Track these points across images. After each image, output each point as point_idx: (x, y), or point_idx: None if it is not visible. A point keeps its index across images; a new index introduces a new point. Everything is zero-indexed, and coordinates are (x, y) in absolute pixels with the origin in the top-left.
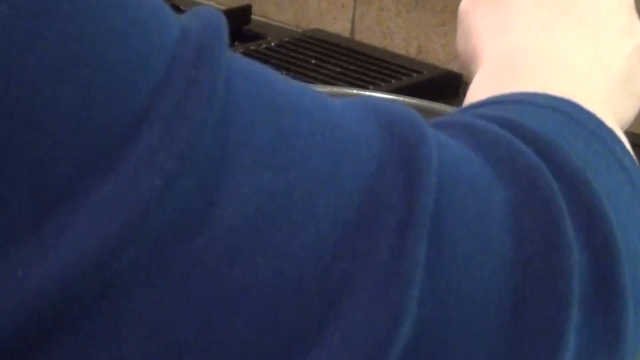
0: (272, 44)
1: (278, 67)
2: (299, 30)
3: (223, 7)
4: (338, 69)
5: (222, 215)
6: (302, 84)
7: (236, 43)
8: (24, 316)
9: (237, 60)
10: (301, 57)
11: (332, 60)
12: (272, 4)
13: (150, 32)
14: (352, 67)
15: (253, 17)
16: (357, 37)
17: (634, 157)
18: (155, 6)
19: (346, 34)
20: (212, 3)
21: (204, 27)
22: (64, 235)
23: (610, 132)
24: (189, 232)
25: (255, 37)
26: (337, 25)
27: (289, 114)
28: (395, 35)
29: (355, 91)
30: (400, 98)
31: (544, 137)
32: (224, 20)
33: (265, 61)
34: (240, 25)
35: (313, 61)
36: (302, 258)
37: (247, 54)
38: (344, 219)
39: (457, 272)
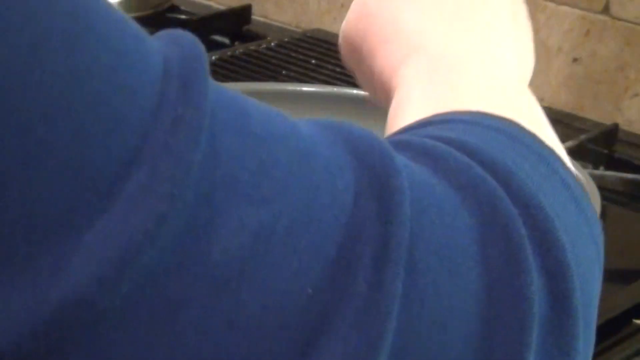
0: (272, 44)
1: (278, 67)
2: (299, 30)
3: (223, 7)
4: (338, 69)
5: (210, 252)
6: (271, 107)
7: (236, 43)
8: (13, 348)
9: (216, 90)
10: (301, 57)
11: (332, 60)
12: (272, 4)
13: (136, 65)
14: None
15: (253, 17)
16: None
17: (574, 172)
18: (138, 36)
19: None
20: (212, 3)
21: (185, 58)
22: (57, 272)
23: (551, 151)
24: (178, 269)
25: (255, 37)
26: (337, 25)
27: (267, 144)
28: None
29: (355, 91)
30: None
31: (500, 162)
32: (202, 48)
33: (266, 61)
34: (240, 25)
35: (313, 61)
36: (285, 292)
37: (247, 54)
38: (324, 252)
39: (428, 300)
